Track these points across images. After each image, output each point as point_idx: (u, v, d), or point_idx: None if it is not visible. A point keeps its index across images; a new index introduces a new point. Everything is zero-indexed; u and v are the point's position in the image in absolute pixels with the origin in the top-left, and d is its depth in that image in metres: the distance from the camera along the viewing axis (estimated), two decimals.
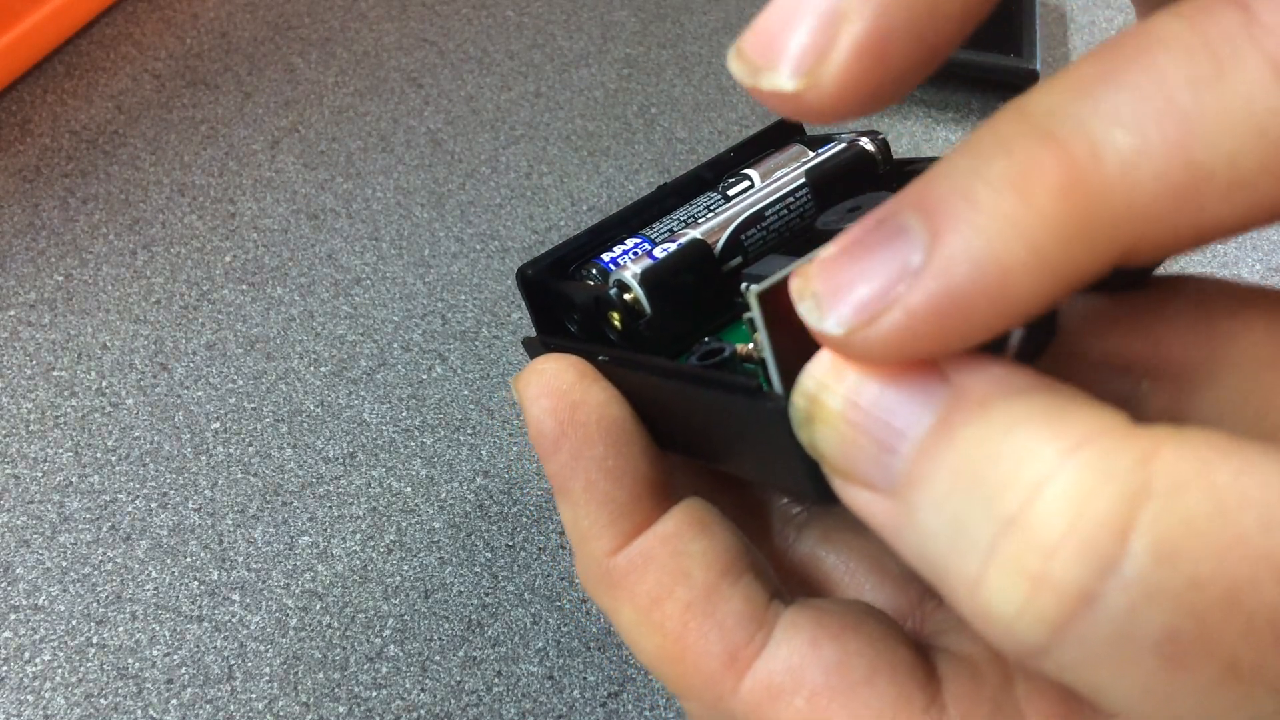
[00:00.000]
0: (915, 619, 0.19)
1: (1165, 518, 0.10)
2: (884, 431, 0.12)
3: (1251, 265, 0.41)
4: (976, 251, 0.10)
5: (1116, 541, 0.10)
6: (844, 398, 0.12)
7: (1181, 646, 0.10)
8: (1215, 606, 0.10)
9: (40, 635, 0.29)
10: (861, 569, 0.19)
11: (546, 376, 0.18)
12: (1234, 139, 0.10)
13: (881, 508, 0.12)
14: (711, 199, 0.21)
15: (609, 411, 0.17)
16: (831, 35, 0.11)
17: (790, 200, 0.20)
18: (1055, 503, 0.10)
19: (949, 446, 0.11)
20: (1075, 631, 0.10)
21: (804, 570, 0.20)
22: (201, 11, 0.47)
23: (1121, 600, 0.10)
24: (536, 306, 0.22)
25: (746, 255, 0.20)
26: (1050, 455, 0.10)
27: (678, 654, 0.16)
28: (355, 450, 0.33)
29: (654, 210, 0.22)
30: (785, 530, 0.21)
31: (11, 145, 0.41)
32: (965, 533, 0.11)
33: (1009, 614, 0.10)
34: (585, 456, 0.17)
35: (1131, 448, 0.10)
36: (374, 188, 0.41)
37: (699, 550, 0.17)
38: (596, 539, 0.17)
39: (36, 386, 0.35)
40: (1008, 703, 0.15)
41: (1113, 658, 0.10)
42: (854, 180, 0.21)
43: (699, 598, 0.16)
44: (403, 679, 0.29)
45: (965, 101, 0.44)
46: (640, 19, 0.48)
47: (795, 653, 0.16)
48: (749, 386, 0.15)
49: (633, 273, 0.19)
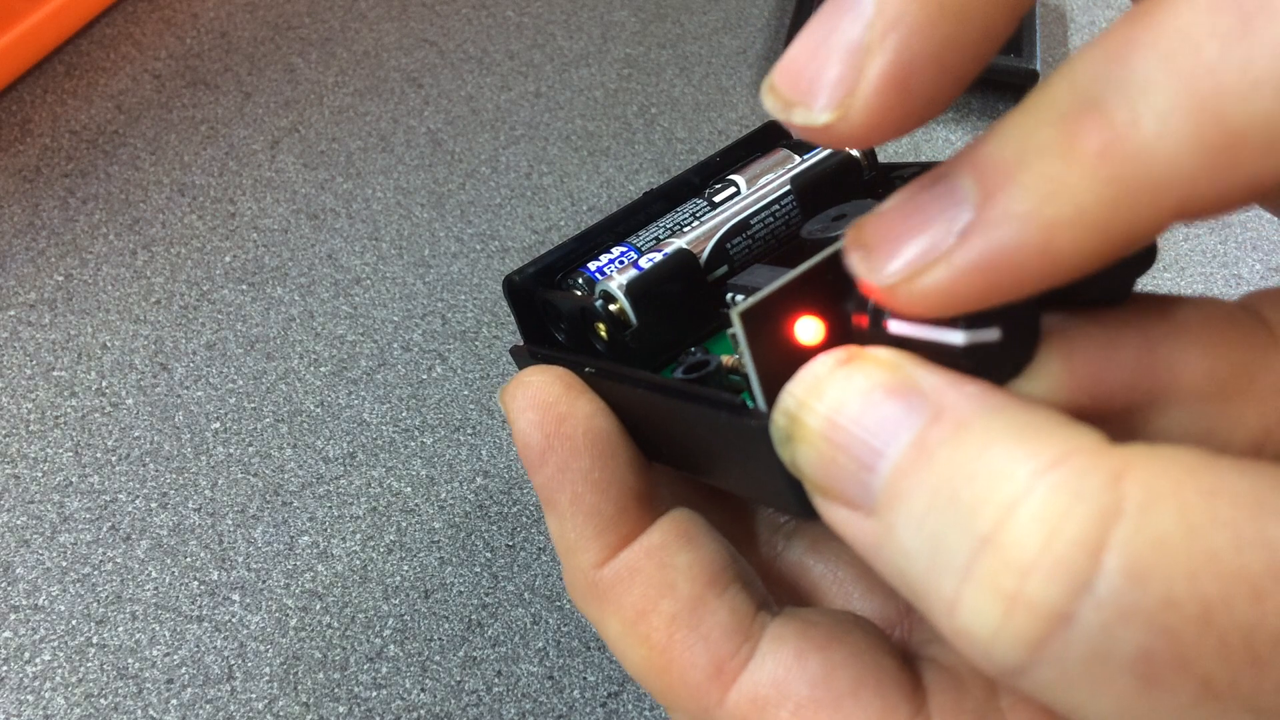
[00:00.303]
0: (902, 628, 0.19)
1: (1137, 537, 0.10)
2: (863, 450, 0.12)
3: (1251, 265, 0.41)
4: (1023, 211, 0.11)
5: (1089, 561, 0.10)
6: (824, 416, 0.13)
7: (1157, 666, 0.10)
8: (1189, 625, 0.10)
9: (40, 635, 0.29)
10: (849, 578, 0.19)
11: (532, 389, 0.18)
12: (1264, 96, 0.09)
13: (861, 526, 0.12)
14: (697, 206, 0.21)
15: (595, 424, 0.17)
16: (858, 70, 0.11)
17: (775, 208, 0.20)
18: (1029, 522, 0.10)
19: (926, 465, 0.11)
20: (1051, 651, 0.10)
21: (792, 579, 0.20)
22: (201, 11, 0.47)
23: (1096, 619, 0.10)
24: (524, 315, 0.22)
25: (732, 264, 0.20)
26: (1024, 474, 0.10)
27: (663, 666, 0.16)
28: (355, 450, 0.33)
29: (640, 217, 0.22)
30: (773, 539, 0.21)
31: (11, 145, 0.41)
32: (942, 552, 0.11)
33: (986, 634, 0.10)
34: (571, 469, 0.17)
35: (1103, 466, 0.10)
36: (374, 188, 0.41)
37: (685, 562, 0.17)
38: (583, 551, 0.17)
39: (36, 386, 0.35)
40: (993, 713, 0.15)
41: (1089, 677, 0.10)
42: (840, 186, 0.21)
43: (684, 610, 0.16)
44: (403, 679, 0.29)
45: (965, 101, 0.44)
46: (640, 19, 0.47)
47: (780, 665, 0.16)
48: (732, 403, 0.15)
49: (618, 283, 0.19)
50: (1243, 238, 0.42)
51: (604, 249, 0.21)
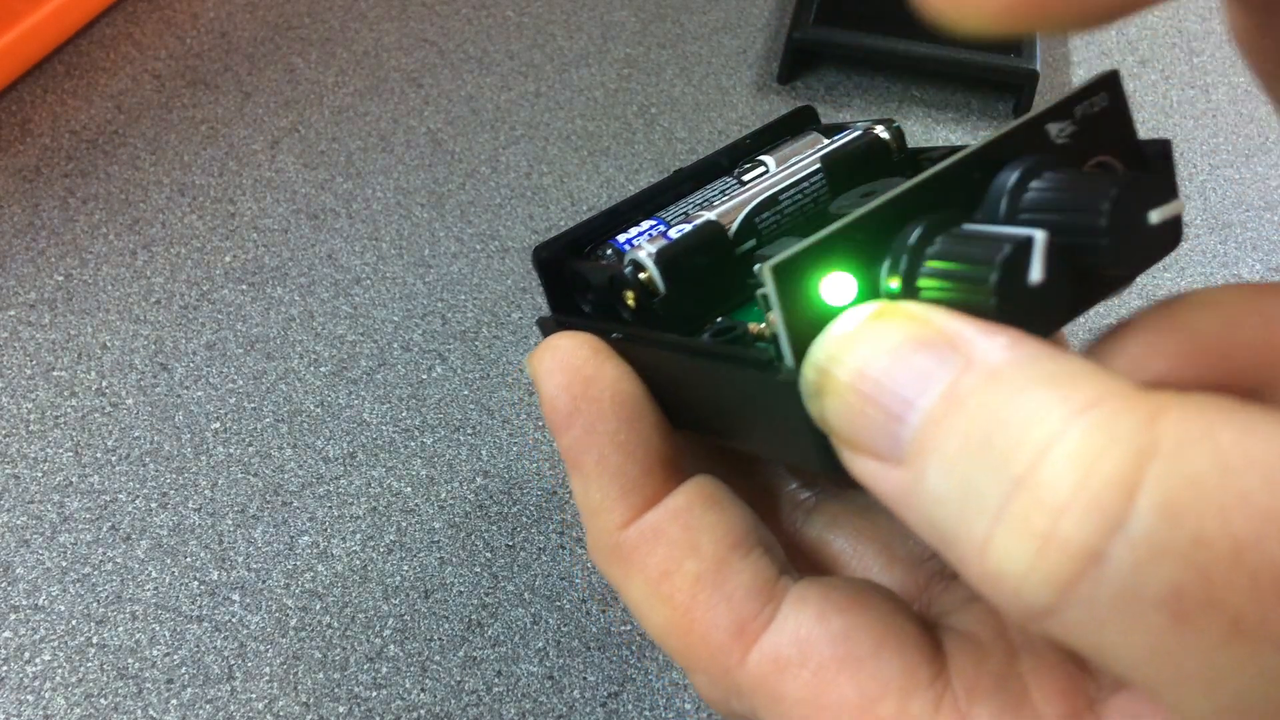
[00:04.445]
0: (922, 601, 0.19)
1: (1171, 476, 0.10)
2: (893, 401, 0.12)
3: (1251, 265, 0.41)
4: None
5: (1123, 500, 0.10)
6: (853, 369, 0.13)
7: (1187, 604, 0.10)
8: (1220, 563, 0.10)
9: (40, 635, 0.29)
10: (870, 552, 0.20)
11: (560, 353, 0.18)
12: None
13: (890, 477, 0.12)
14: (727, 184, 0.22)
15: (622, 387, 0.18)
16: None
17: (805, 185, 0.20)
18: (1063, 462, 0.10)
19: (959, 413, 0.11)
20: (1082, 590, 0.10)
21: (812, 554, 0.20)
22: (201, 11, 0.47)
23: (1128, 558, 0.10)
24: (551, 286, 0.22)
25: (760, 238, 0.20)
26: (1058, 417, 0.11)
27: (686, 626, 0.16)
28: (355, 450, 0.33)
29: (669, 194, 0.22)
30: (794, 514, 0.21)
31: (11, 145, 0.41)
32: (974, 496, 0.11)
33: (1017, 574, 0.11)
34: (598, 431, 0.17)
35: (1138, 409, 0.10)
36: (374, 188, 0.41)
37: (709, 524, 0.17)
38: (608, 512, 0.17)
39: (36, 386, 0.35)
40: (1012, 677, 0.15)
41: (1119, 617, 0.10)
42: (868, 166, 0.21)
43: (708, 570, 0.17)
44: (403, 679, 0.29)
45: (965, 101, 0.44)
46: (640, 19, 0.48)
47: (803, 625, 0.16)
48: (760, 359, 0.15)
49: (648, 252, 0.19)
50: (1243, 238, 0.42)
51: (633, 223, 0.21)
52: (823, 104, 0.44)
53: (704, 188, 0.22)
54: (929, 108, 0.44)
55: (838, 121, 0.23)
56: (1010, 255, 0.13)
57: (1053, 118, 0.15)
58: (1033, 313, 0.13)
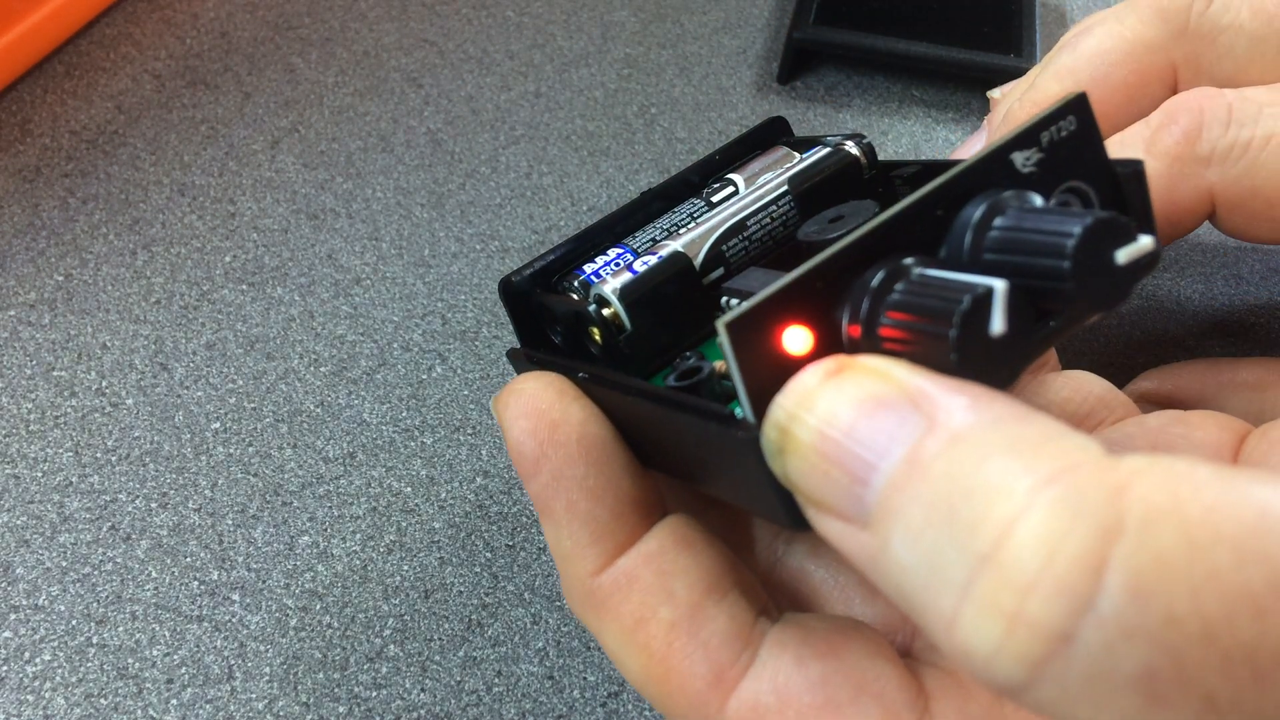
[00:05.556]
0: (905, 633, 0.18)
1: (1138, 555, 0.10)
2: (855, 463, 0.12)
3: (1251, 265, 0.41)
4: None
5: (1091, 580, 0.10)
6: (814, 429, 0.12)
7: (1160, 684, 0.10)
8: (1192, 644, 0.09)
9: (40, 635, 0.29)
10: (851, 583, 0.19)
11: (525, 397, 0.17)
12: None
13: (856, 539, 0.12)
14: (695, 206, 0.21)
15: (589, 430, 0.17)
16: None
17: (773, 209, 0.20)
18: (1029, 540, 0.10)
19: (921, 479, 0.11)
20: (1053, 670, 0.10)
21: (792, 584, 0.20)
22: (201, 11, 0.47)
23: (1098, 639, 0.10)
24: (520, 318, 0.22)
25: (729, 267, 0.20)
26: (1023, 489, 0.10)
27: (663, 675, 0.16)
28: (355, 450, 0.33)
29: (639, 217, 0.22)
30: (774, 544, 0.20)
31: (11, 145, 0.41)
32: (940, 568, 0.11)
33: (986, 652, 0.10)
34: (566, 476, 0.17)
35: (1104, 481, 0.10)
36: (374, 188, 0.41)
37: (683, 568, 0.17)
38: (580, 559, 0.17)
39: (36, 386, 0.35)
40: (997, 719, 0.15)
41: (1092, 695, 0.10)
42: (838, 186, 0.21)
43: (683, 617, 0.16)
44: (403, 679, 0.29)
45: (965, 101, 0.44)
46: (640, 19, 0.47)
47: (781, 672, 0.16)
48: (721, 414, 0.14)
49: (612, 288, 0.19)
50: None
51: (600, 250, 0.21)
52: (823, 104, 0.44)
53: (672, 211, 0.21)
54: (929, 108, 0.44)
55: (809, 135, 0.23)
56: (969, 310, 0.12)
57: (1018, 146, 0.15)
58: (996, 363, 0.13)
